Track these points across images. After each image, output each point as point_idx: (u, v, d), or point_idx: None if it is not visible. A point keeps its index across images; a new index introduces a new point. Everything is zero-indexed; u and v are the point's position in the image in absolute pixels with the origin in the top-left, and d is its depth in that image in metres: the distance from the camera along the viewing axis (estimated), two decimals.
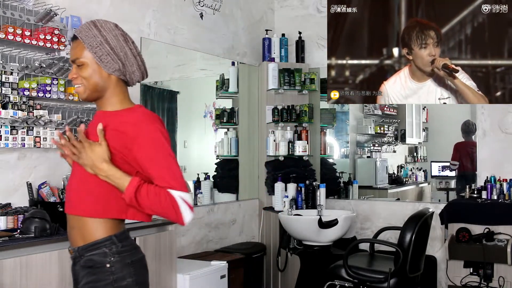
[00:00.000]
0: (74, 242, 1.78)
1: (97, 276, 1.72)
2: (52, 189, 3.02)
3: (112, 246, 1.74)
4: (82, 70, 1.77)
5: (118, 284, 1.72)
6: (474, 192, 4.31)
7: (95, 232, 1.74)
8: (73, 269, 1.81)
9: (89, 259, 1.74)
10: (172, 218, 1.69)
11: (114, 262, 1.73)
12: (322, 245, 4.23)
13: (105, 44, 1.75)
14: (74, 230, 1.77)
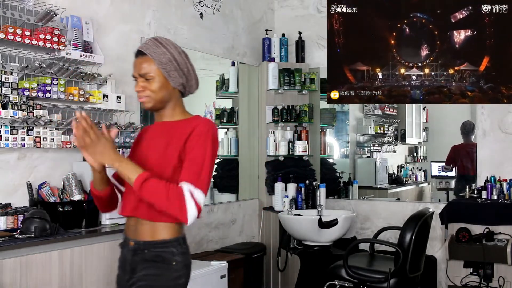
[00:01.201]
0: (139, 235, 1.94)
1: (161, 271, 1.90)
2: (52, 189, 3.02)
3: (178, 247, 1.93)
4: (151, 84, 1.95)
5: (176, 282, 1.91)
6: (474, 192, 4.31)
7: (166, 231, 1.92)
8: (132, 258, 1.95)
9: (157, 254, 1.90)
10: (175, 212, 1.80)
11: (178, 261, 1.91)
12: (322, 245, 4.23)
13: (173, 61, 1.94)
14: (144, 226, 1.93)
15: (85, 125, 1.82)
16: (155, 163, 1.91)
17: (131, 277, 1.94)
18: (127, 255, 1.98)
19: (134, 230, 1.96)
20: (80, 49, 3.24)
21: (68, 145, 3.17)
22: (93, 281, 2.85)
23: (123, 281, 2.00)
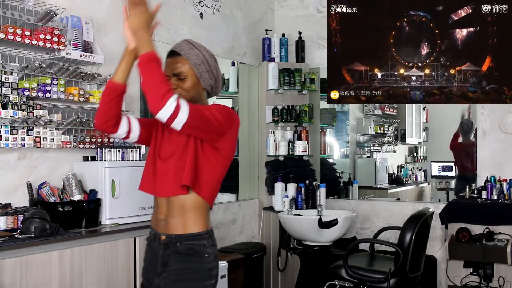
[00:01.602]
0: (171, 229, 2.02)
1: (195, 264, 1.99)
2: (52, 189, 3.02)
3: (209, 239, 2.03)
4: (184, 83, 2.04)
5: (209, 273, 2.01)
6: (474, 192, 4.31)
7: (196, 224, 2.02)
8: (163, 252, 2.02)
9: (189, 247, 1.99)
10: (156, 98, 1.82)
11: (210, 253, 2.02)
12: (322, 245, 4.23)
13: (205, 63, 2.06)
14: (174, 219, 2.02)
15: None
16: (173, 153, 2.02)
17: (164, 270, 2.01)
18: (158, 249, 2.05)
19: (165, 224, 2.04)
20: (80, 49, 3.24)
21: (68, 145, 3.17)
22: (93, 281, 2.85)
23: (151, 274, 2.06)
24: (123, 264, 3.02)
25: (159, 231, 2.06)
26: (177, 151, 2.02)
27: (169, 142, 2.06)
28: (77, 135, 3.23)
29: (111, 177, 3.14)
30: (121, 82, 2.01)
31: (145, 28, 1.96)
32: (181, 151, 2.01)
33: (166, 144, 2.07)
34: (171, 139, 2.06)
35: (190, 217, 2.01)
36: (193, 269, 1.99)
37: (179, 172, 1.99)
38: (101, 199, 3.12)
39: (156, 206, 2.11)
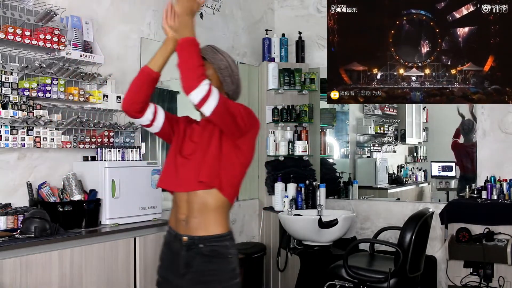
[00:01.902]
0: (193, 230, 2.03)
1: (219, 265, 2.02)
2: (52, 189, 3.02)
3: (231, 241, 2.06)
4: None
5: (234, 273, 2.04)
6: (474, 192, 4.31)
7: (218, 225, 2.04)
8: (186, 253, 2.04)
9: (213, 249, 2.01)
10: (191, 79, 1.89)
11: (232, 254, 2.05)
12: (322, 245, 4.23)
13: (229, 68, 2.11)
14: (196, 220, 2.03)
15: None
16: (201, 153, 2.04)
17: (188, 271, 2.03)
18: (179, 251, 2.06)
19: (186, 225, 2.05)
20: (80, 49, 3.24)
21: (68, 145, 3.17)
22: (93, 281, 2.85)
23: (171, 275, 2.08)
24: (123, 264, 3.02)
25: (180, 232, 2.07)
26: (199, 149, 2.05)
27: (191, 141, 2.10)
28: (77, 135, 3.23)
29: (111, 177, 3.14)
30: (155, 69, 2.07)
31: (189, 14, 2.01)
32: (204, 149, 2.04)
33: (188, 142, 2.11)
34: (193, 137, 2.10)
35: (211, 218, 2.03)
36: (218, 271, 2.02)
37: (199, 168, 2.02)
38: (101, 199, 3.12)
39: (175, 205, 2.12)
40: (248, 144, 2.09)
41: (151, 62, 2.08)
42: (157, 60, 2.07)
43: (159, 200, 3.44)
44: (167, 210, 3.86)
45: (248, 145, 2.09)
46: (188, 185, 2.04)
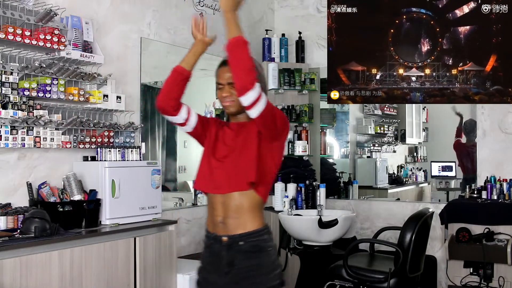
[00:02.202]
0: (231, 230, 2.10)
1: (261, 259, 2.10)
2: (52, 189, 3.02)
3: (269, 234, 2.14)
4: None
5: (275, 265, 2.13)
6: (474, 192, 4.31)
7: (256, 222, 2.11)
8: (227, 253, 2.10)
9: (254, 244, 2.09)
10: (248, 79, 1.98)
11: (272, 246, 2.14)
12: (322, 245, 4.23)
13: (259, 67, 2.15)
14: (232, 220, 2.10)
15: None
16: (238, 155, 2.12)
17: (231, 269, 2.09)
18: (220, 251, 2.12)
19: (224, 226, 2.12)
20: (80, 49, 3.24)
21: (68, 145, 3.17)
22: (93, 281, 2.85)
23: (213, 275, 2.14)
24: (123, 264, 3.02)
25: (219, 234, 2.13)
26: (234, 152, 2.13)
27: (225, 144, 2.18)
28: (77, 135, 3.23)
29: (111, 177, 3.14)
30: (187, 68, 2.16)
31: (234, 11, 2.04)
32: (239, 152, 2.12)
33: (221, 145, 2.19)
34: (226, 141, 2.19)
35: (247, 217, 2.10)
36: (260, 264, 2.09)
37: (238, 170, 2.10)
38: (101, 199, 3.12)
39: (211, 208, 2.18)
40: (281, 145, 2.19)
41: (183, 61, 2.17)
42: (189, 59, 2.18)
43: (159, 200, 3.44)
44: (167, 210, 3.87)
45: (280, 146, 2.19)
46: (224, 187, 2.12)
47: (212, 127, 2.26)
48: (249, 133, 2.14)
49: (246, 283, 2.09)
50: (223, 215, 2.13)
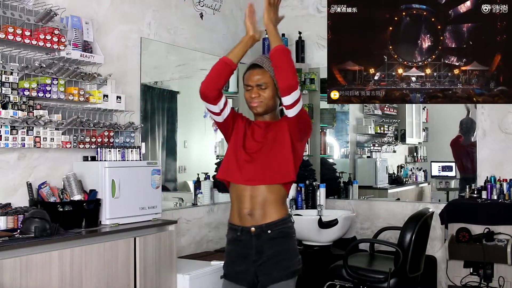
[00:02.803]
0: (259, 220, 2.29)
1: (288, 245, 2.32)
2: (52, 189, 3.02)
3: (292, 221, 2.36)
4: (265, 92, 2.37)
5: (297, 250, 2.37)
6: (474, 192, 4.31)
7: (281, 211, 2.32)
8: (256, 242, 2.29)
9: (281, 231, 2.29)
10: (294, 78, 2.25)
11: (294, 232, 2.37)
12: (322, 245, 4.23)
13: None
14: (260, 211, 2.29)
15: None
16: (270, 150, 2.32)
17: (260, 257, 2.29)
18: (249, 241, 2.30)
19: (251, 218, 2.30)
20: (80, 49, 3.24)
21: (68, 145, 3.17)
22: (93, 281, 2.85)
23: (243, 266, 2.32)
24: (123, 264, 3.02)
25: (247, 225, 2.31)
26: (265, 147, 2.33)
27: (254, 140, 2.38)
28: (77, 135, 3.23)
29: (111, 177, 3.14)
30: (234, 61, 2.32)
31: (276, 25, 2.43)
32: (269, 148, 2.33)
33: (251, 140, 2.38)
34: (255, 137, 2.38)
35: (273, 207, 2.30)
36: (287, 249, 2.31)
37: (270, 165, 2.30)
38: (101, 199, 3.12)
39: (237, 201, 2.35)
40: (303, 145, 2.44)
41: (231, 54, 2.33)
42: (237, 53, 2.33)
43: (159, 200, 3.44)
44: (167, 210, 3.87)
45: (303, 146, 2.43)
46: (254, 180, 2.30)
47: (240, 123, 2.43)
48: (279, 132, 2.34)
49: (274, 268, 2.27)
50: (250, 207, 2.30)
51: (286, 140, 2.32)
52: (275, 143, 2.33)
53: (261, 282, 2.30)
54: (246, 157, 2.34)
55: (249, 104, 2.40)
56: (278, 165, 2.30)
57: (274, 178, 2.30)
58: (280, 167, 2.30)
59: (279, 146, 2.32)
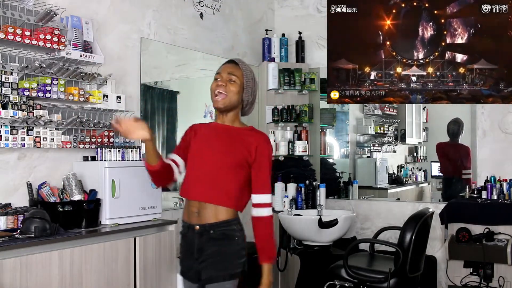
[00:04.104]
0: (204, 219, 2.31)
1: (227, 247, 2.32)
2: (52, 189, 3.02)
3: (238, 225, 2.35)
4: (232, 85, 2.35)
5: (240, 253, 2.35)
6: (474, 192, 4.31)
7: (227, 213, 2.32)
8: (198, 240, 2.31)
9: (222, 232, 2.30)
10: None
11: (239, 236, 2.35)
12: (322, 245, 4.23)
13: (253, 80, 2.40)
14: (206, 210, 2.30)
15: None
16: (219, 156, 2.32)
17: (200, 256, 2.30)
18: (193, 239, 2.33)
19: (198, 216, 2.32)
20: (80, 49, 3.24)
21: (68, 145, 3.17)
22: (93, 281, 2.85)
23: (189, 262, 2.35)
24: (123, 264, 3.02)
25: (193, 223, 2.36)
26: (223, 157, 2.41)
27: (214, 143, 2.43)
28: (77, 135, 3.23)
29: (111, 177, 3.14)
30: (153, 164, 2.32)
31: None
32: (225, 162, 2.39)
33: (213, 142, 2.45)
34: (216, 141, 2.42)
35: (221, 207, 2.33)
36: (226, 252, 2.32)
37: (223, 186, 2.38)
38: (101, 199, 3.12)
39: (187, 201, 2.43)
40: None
41: (148, 160, 2.32)
42: (148, 156, 2.31)
43: (159, 200, 3.44)
44: (167, 210, 3.87)
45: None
46: (206, 196, 2.41)
47: (192, 135, 2.49)
48: (236, 142, 2.35)
49: (212, 268, 2.28)
50: (200, 206, 2.32)
51: (240, 155, 2.33)
52: (231, 150, 2.35)
53: (201, 281, 2.32)
54: (202, 162, 2.37)
55: (213, 96, 2.39)
56: (227, 189, 2.33)
57: (221, 199, 2.32)
58: (228, 192, 2.33)
59: (234, 155, 2.33)
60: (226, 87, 2.34)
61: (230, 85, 2.35)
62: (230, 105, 2.36)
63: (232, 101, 2.36)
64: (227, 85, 2.35)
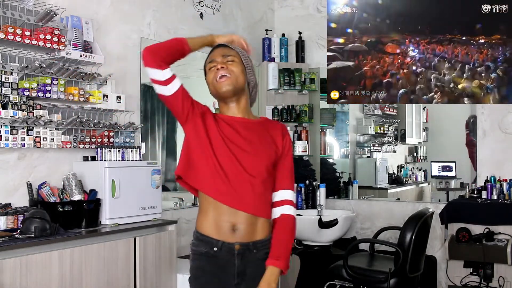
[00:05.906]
0: (247, 237, 1.93)
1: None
2: (52, 189, 3.02)
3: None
4: (233, 65, 1.99)
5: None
6: (474, 192, 4.31)
7: (269, 228, 1.99)
8: (240, 262, 1.94)
9: (266, 252, 1.98)
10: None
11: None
12: (322, 245, 4.23)
13: (250, 61, 2.05)
14: (250, 227, 1.93)
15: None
16: (254, 159, 1.95)
17: (242, 281, 1.96)
18: (229, 260, 1.93)
19: (235, 232, 1.93)
20: (80, 49, 3.24)
21: (68, 145, 3.17)
22: (93, 281, 2.85)
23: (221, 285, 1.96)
24: (123, 264, 3.02)
25: (229, 241, 1.95)
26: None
27: (240, 141, 2.07)
28: (77, 135, 3.23)
29: (111, 177, 3.14)
30: (191, 47, 2.12)
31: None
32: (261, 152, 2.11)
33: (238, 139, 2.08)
34: (241, 139, 2.08)
35: (265, 223, 2.02)
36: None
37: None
38: (101, 199, 3.12)
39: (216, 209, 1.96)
40: None
41: (191, 40, 2.12)
42: (196, 42, 2.14)
43: (159, 200, 3.44)
44: (167, 210, 3.87)
45: None
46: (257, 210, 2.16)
47: (200, 123, 2.09)
48: (265, 138, 2.02)
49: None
50: (243, 220, 1.95)
51: (272, 152, 2.00)
52: (263, 149, 1.99)
53: None
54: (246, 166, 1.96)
55: (215, 84, 1.99)
56: (269, 199, 2.00)
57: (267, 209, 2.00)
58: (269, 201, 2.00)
59: (272, 172, 2.00)
60: (227, 69, 1.97)
61: (230, 65, 1.98)
62: (238, 86, 1.98)
63: (239, 81, 1.98)
64: (227, 67, 1.98)
